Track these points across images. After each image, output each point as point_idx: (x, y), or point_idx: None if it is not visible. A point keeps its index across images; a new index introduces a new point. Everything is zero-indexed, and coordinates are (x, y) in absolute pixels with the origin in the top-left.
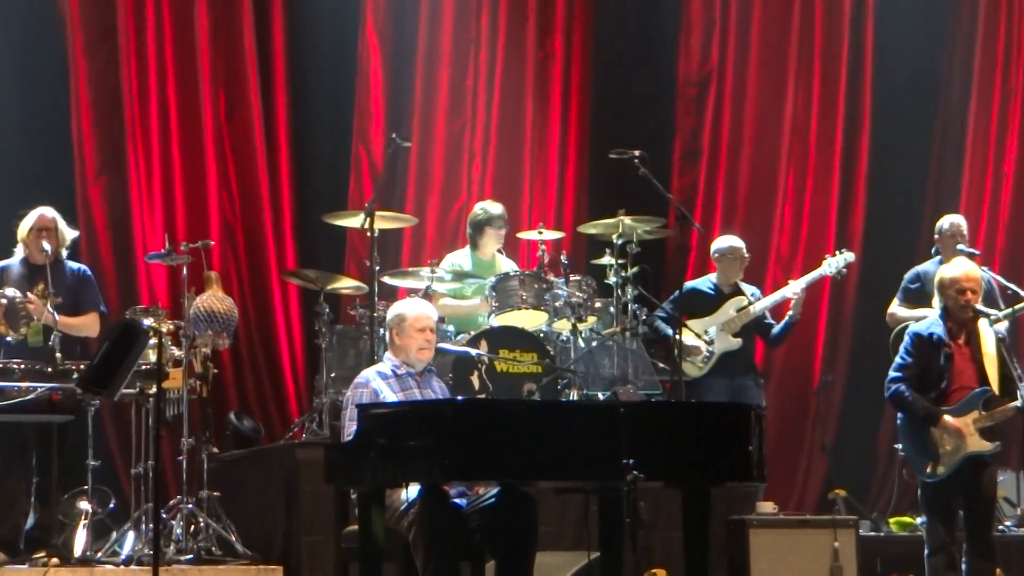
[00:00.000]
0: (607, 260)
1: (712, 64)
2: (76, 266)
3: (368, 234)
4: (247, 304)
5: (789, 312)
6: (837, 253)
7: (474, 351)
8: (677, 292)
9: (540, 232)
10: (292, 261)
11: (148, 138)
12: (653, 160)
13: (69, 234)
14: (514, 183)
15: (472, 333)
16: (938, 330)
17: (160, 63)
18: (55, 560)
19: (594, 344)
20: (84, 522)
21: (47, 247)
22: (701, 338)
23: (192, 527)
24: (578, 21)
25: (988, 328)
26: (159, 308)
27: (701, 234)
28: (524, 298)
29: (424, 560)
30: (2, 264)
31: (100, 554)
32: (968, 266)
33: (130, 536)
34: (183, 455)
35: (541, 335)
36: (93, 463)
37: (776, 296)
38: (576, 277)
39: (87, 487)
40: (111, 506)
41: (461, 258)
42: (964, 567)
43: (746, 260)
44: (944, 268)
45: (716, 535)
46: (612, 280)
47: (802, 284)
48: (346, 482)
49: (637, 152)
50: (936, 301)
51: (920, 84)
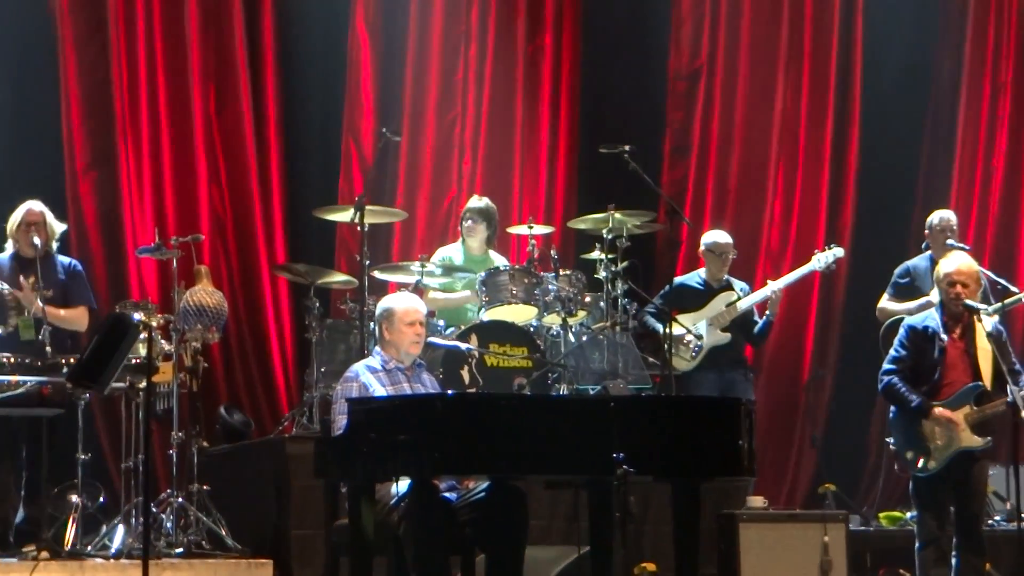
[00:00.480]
0: (597, 255)
1: (702, 58)
2: (67, 260)
3: (358, 228)
4: (237, 298)
5: (766, 312)
6: (826, 248)
7: (464, 345)
8: (667, 287)
9: (530, 227)
10: (282, 255)
11: (138, 132)
12: (643, 154)
13: (58, 228)
14: (504, 177)
15: (462, 327)
16: (933, 323)
17: (150, 57)
18: (45, 554)
19: (584, 338)
20: (74, 516)
21: (37, 241)
22: (690, 331)
23: (182, 521)
24: (568, 15)
25: (987, 322)
26: (149, 302)
27: (691, 228)
28: (514, 292)
29: (414, 554)
30: None
31: (90, 548)
32: (963, 261)
33: (120, 530)
34: (173, 449)
35: (531, 329)
36: (83, 457)
37: (761, 293)
38: (566, 272)
39: (77, 481)
40: (101, 500)
41: (452, 252)
42: (954, 561)
43: (733, 255)
44: (942, 261)
45: (706, 529)
46: (602, 274)
47: (783, 283)
48: (336, 476)
49: (627, 146)
50: (934, 294)
51: (910, 79)
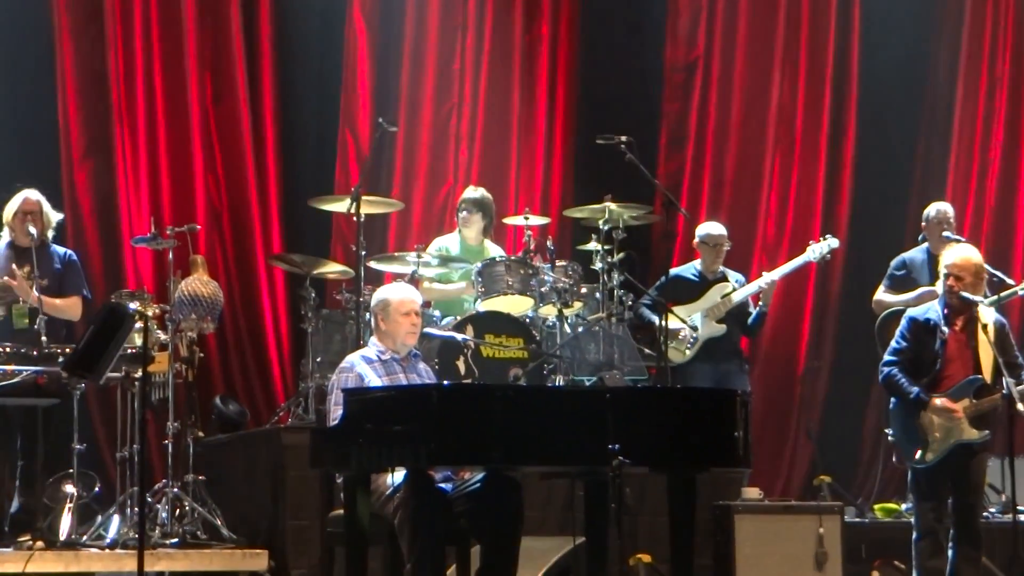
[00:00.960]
0: (593, 246)
1: (699, 50)
2: (63, 250)
3: (354, 219)
4: (233, 288)
5: (759, 303)
6: (821, 239)
7: (460, 336)
8: (662, 278)
9: (526, 217)
10: (278, 245)
11: (134, 121)
12: (639, 146)
13: (54, 217)
14: (500, 168)
15: (458, 318)
16: (934, 315)
17: (147, 46)
18: (40, 544)
19: (580, 330)
20: (69, 506)
21: (33, 231)
22: (685, 323)
23: (177, 511)
24: (565, 6)
25: (989, 315)
26: (145, 292)
27: (687, 220)
28: (510, 283)
29: (410, 544)
30: None
31: (85, 537)
32: (963, 254)
33: (115, 520)
34: (168, 439)
35: (527, 320)
36: (78, 447)
37: (756, 285)
38: (562, 263)
39: (72, 471)
40: (96, 490)
41: (449, 242)
42: (950, 553)
43: (727, 247)
44: (944, 253)
45: (701, 521)
46: (598, 266)
47: (777, 274)
48: (332, 466)
49: (624, 138)
50: (938, 285)
51: (907, 71)
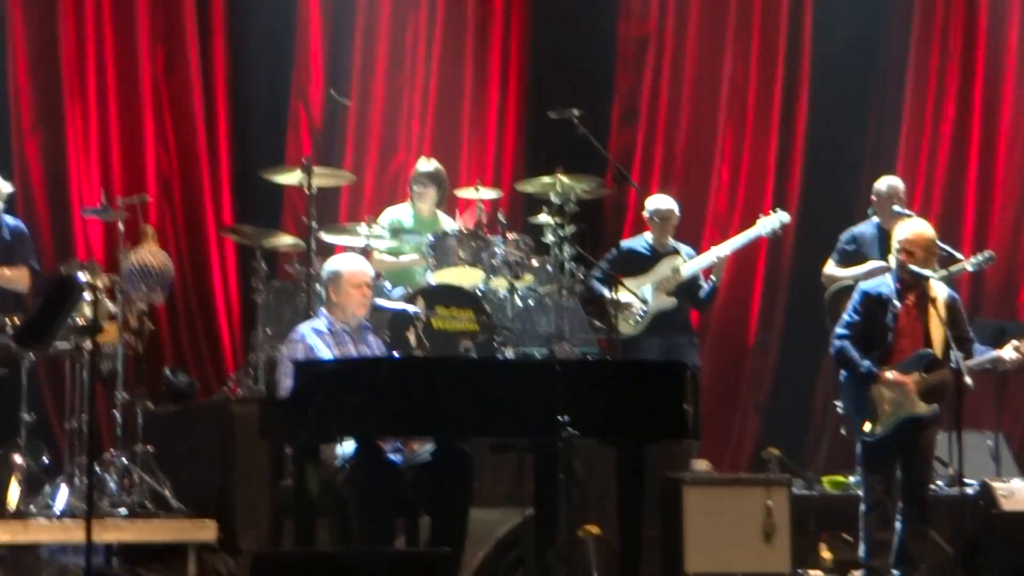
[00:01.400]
0: (544, 219)
1: (651, 24)
2: (12, 221)
3: (306, 191)
4: (183, 259)
5: (710, 277)
6: (771, 213)
7: (411, 308)
8: (613, 251)
9: (477, 190)
10: (229, 217)
11: (85, 92)
12: (591, 119)
13: (5, 188)
14: (452, 140)
15: (409, 290)
16: (887, 290)
17: (97, 17)
18: None
19: (531, 302)
20: (17, 476)
21: None
22: (636, 296)
23: (126, 481)
24: None
25: (942, 290)
26: (95, 263)
27: (639, 193)
28: (461, 256)
29: (358, 515)
30: None
31: (33, 507)
32: (916, 228)
33: (64, 490)
34: (117, 409)
35: (478, 293)
36: (27, 417)
37: (706, 258)
38: (513, 235)
39: (20, 441)
40: (45, 460)
41: (401, 213)
42: (898, 525)
43: (676, 221)
44: (897, 227)
45: (650, 493)
46: (549, 238)
47: (727, 248)
48: (281, 438)
49: (576, 111)
50: (891, 259)
51: (859, 46)
